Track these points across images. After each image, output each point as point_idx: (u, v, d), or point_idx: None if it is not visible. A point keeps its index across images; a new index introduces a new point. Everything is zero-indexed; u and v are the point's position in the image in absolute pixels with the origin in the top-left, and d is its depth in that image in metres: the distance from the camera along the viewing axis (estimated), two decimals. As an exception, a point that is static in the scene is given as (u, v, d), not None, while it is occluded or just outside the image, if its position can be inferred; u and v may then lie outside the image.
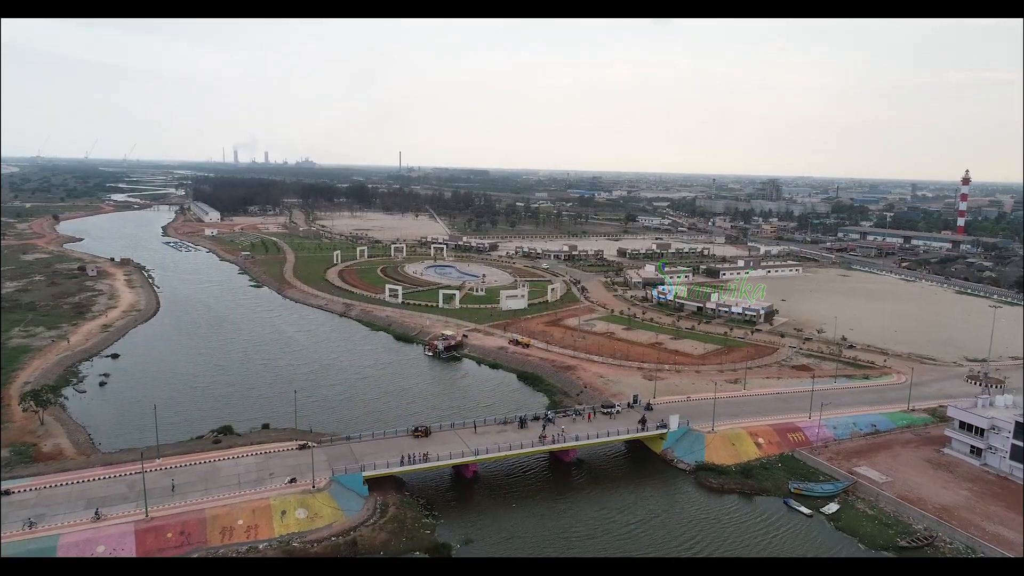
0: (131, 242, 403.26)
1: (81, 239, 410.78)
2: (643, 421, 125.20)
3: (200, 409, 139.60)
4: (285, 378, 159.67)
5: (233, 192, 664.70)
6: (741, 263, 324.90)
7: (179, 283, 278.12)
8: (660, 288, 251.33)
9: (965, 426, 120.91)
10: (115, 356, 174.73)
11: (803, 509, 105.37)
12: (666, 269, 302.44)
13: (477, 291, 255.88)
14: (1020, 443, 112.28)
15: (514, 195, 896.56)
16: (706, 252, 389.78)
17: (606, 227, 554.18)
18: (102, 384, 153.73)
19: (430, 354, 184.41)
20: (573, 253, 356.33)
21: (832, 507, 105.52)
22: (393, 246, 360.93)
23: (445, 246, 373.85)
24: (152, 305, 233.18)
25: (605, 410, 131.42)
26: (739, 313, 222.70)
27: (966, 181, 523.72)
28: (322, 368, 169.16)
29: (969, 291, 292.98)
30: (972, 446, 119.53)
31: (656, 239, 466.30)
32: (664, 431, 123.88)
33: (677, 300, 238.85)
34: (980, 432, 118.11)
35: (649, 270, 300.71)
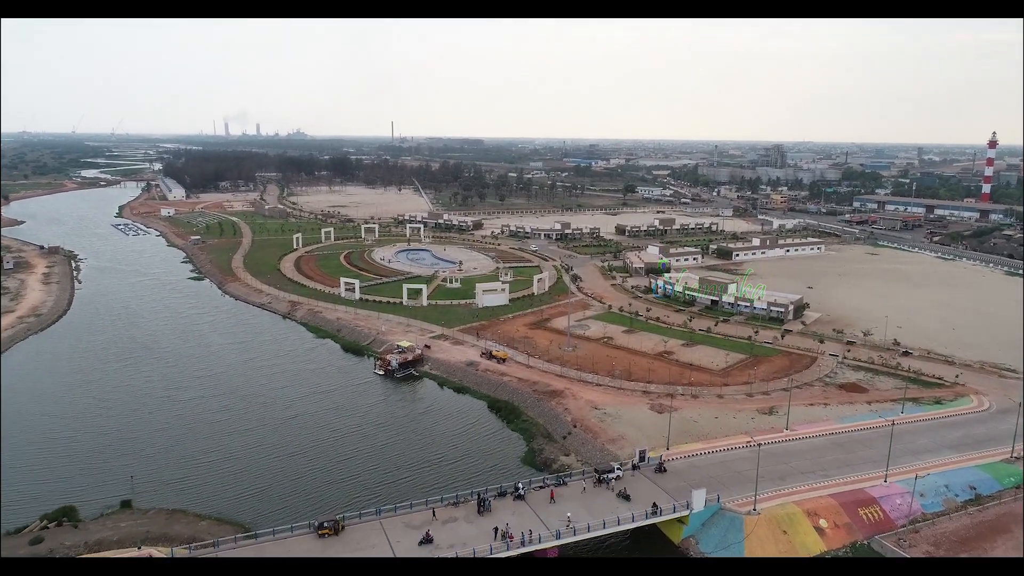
0: (78, 225, 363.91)
1: (22, 223, 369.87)
2: (655, 508, 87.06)
3: (48, 477, 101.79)
4: (185, 420, 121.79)
5: (204, 167, 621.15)
6: (756, 241, 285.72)
7: (108, 276, 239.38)
8: (666, 277, 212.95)
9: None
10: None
11: (907, 661, 68.13)
12: (672, 251, 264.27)
13: (451, 283, 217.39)
14: None
15: (508, 165, 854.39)
16: (714, 228, 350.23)
17: (603, 199, 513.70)
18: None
19: (381, 373, 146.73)
20: (566, 232, 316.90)
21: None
22: (364, 227, 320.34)
23: (423, 225, 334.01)
24: (60, 308, 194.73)
25: (601, 476, 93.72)
26: (763, 309, 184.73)
27: (993, 144, 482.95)
28: (240, 401, 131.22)
29: (1021, 272, 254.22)
30: None
31: (658, 212, 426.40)
32: (685, 513, 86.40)
33: (687, 292, 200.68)
34: None
35: (652, 252, 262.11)
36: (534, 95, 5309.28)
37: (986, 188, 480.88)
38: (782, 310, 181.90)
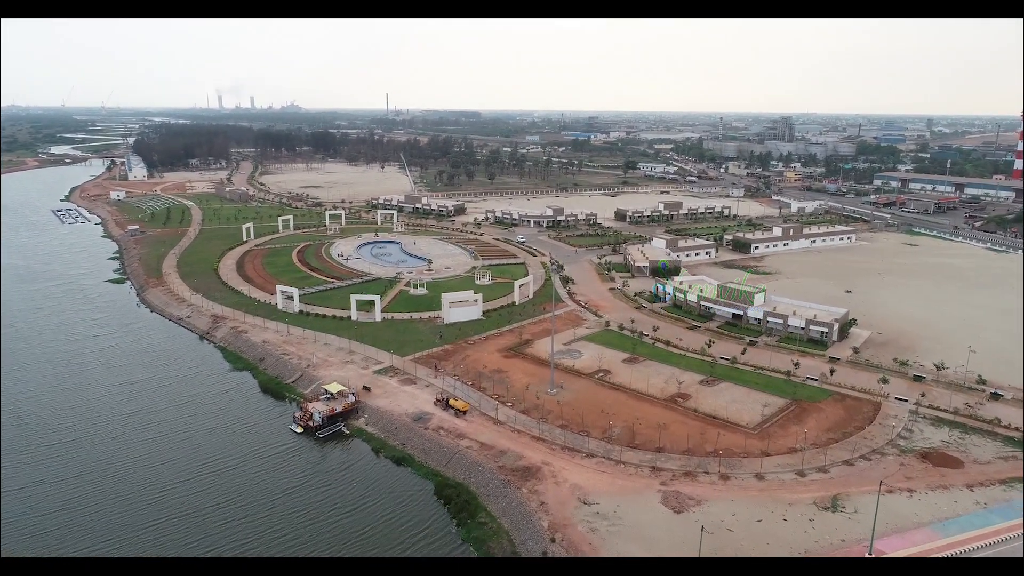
0: (15, 212, 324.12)
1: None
2: None
3: None
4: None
5: (174, 143, 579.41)
6: (777, 231, 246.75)
7: (10, 280, 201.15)
8: (676, 282, 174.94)
9: None
10: None
11: None
12: (681, 243, 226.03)
13: (415, 288, 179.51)
14: None
15: (503, 139, 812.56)
16: (726, 212, 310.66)
17: (602, 176, 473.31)
18: None
19: (300, 430, 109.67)
20: (558, 218, 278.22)
21: None
22: (329, 214, 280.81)
23: (398, 211, 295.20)
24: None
25: None
26: (800, 328, 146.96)
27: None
28: (92, 490, 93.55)
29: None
30: None
31: (662, 192, 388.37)
32: None
33: (703, 302, 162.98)
34: None
35: (658, 246, 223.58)
36: (533, 66, 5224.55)
37: (1018, 164, 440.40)
38: (824, 330, 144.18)
